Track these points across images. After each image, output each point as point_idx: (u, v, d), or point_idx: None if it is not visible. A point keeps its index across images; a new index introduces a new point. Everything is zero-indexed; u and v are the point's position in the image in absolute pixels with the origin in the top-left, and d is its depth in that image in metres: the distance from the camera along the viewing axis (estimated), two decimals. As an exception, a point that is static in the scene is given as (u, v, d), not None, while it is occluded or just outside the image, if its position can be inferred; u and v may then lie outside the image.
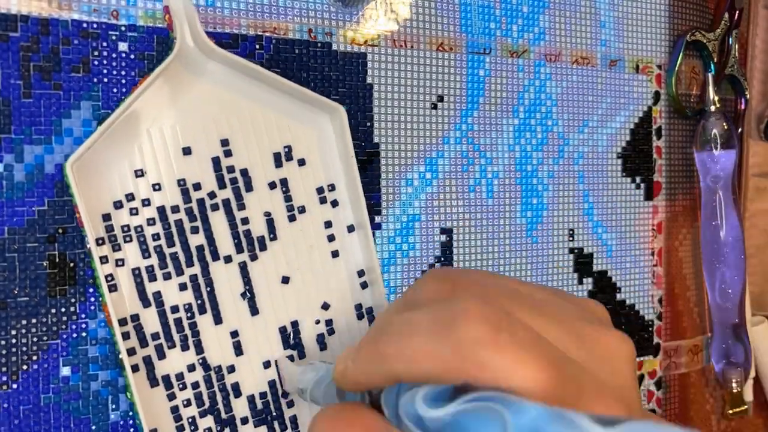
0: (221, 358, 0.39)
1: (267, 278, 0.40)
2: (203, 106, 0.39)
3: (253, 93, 0.40)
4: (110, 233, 0.36)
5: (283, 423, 0.40)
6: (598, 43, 0.52)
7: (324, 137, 0.42)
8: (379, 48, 0.44)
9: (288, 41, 0.41)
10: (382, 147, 0.44)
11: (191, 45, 0.38)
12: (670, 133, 0.56)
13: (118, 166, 0.37)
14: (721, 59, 0.57)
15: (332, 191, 0.42)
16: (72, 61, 0.36)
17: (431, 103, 0.46)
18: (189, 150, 0.38)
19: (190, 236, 0.38)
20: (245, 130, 0.40)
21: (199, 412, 0.38)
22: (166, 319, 0.37)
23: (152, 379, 0.37)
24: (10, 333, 0.35)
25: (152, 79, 0.36)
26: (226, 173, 0.39)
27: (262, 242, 0.40)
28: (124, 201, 0.37)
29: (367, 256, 0.42)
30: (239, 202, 0.39)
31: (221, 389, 0.39)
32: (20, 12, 0.35)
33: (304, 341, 0.41)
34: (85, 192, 0.35)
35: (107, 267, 0.36)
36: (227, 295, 0.39)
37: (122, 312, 0.36)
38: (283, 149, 0.41)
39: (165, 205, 0.38)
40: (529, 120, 0.49)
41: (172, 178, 0.38)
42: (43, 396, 0.35)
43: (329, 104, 0.40)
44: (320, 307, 0.41)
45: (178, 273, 0.38)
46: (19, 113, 0.35)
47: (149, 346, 0.37)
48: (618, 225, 0.53)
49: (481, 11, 0.47)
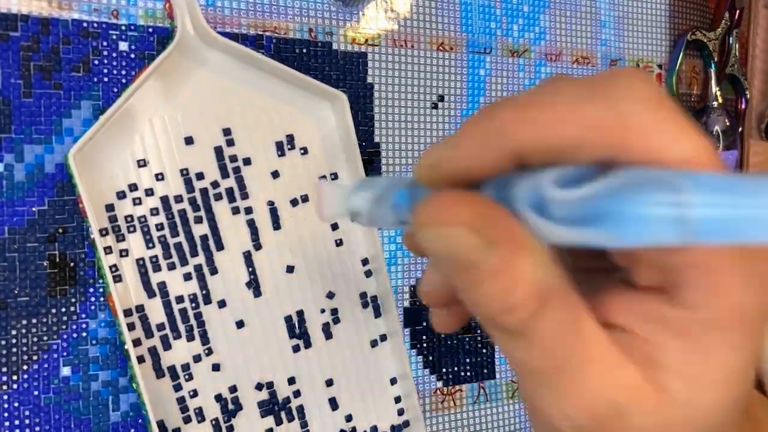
0: (227, 348, 0.39)
1: (272, 267, 0.40)
2: (205, 95, 0.39)
3: (255, 82, 0.40)
4: (114, 224, 0.37)
5: (290, 413, 0.40)
6: (598, 43, 0.52)
7: (326, 125, 0.42)
8: (379, 47, 0.44)
9: (288, 41, 0.41)
10: (383, 147, 0.44)
11: (192, 34, 0.38)
12: (670, 133, 0.56)
13: (120, 156, 0.37)
14: (721, 59, 0.57)
15: (335, 180, 0.42)
16: (72, 61, 0.36)
17: (432, 102, 0.46)
18: (191, 139, 0.38)
19: (194, 226, 0.38)
20: (247, 119, 0.40)
21: (206, 403, 0.38)
22: (171, 310, 0.38)
23: (158, 369, 0.37)
24: (10, 333, 0.35)
25: (153, 68, 0.36)
26: (228, 162, 0.39)
27: (265, 231, 0.40)
28: (127, 191, 0.37)
29: (371, 245, 0.42)
30: (242, 191, 0.39)
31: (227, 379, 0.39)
32: (20, 11, 0.35)
33: (310, 330, 0.41)
34: (88, 182, 0.35)
35: (111, 257, 0.36)
36: (232, 285, 0.39)
37: (127, 303, 0.37)
38: (285, 138, 0.41)
39: (168, 195, 0.38)
40: (530, 119, 0.49)
41: (174, 167, 0.38)
42: (43, 396, 0.35)
43: (330, 92, 0.40)
44: (325, 296, 0.41)
45: (183, 263, 0.38)
46: (19, 113, 0.35)
47: (154, 337, 0.37)
48: (618, 225, 0.53)
49: (482, 11, 0.47)
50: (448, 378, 0.46)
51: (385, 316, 0.43)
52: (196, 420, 0.38)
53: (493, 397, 0.48)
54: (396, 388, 0.43)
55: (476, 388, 0.47)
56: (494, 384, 0.48)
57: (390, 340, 0.43)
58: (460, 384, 0.47)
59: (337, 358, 0.42)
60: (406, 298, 0.45)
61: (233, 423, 0.39)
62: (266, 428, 0.39)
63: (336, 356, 0.42)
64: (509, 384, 0.49)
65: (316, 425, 0.41)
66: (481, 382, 0.47)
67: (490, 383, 0.48)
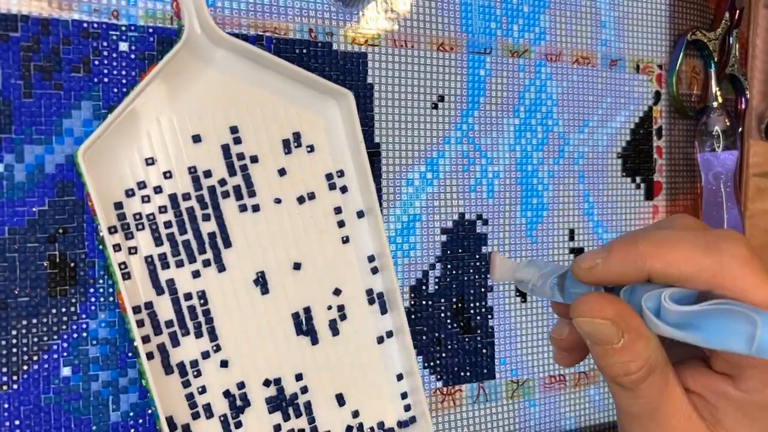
0: (234, 344, 0.39)
1: (279, 265, 0.40)
2: (212, 93, 0.39)
3: (261, 80, 0.40)
4: (123, 221, 0.37)
5: (298, 409, 0.40)
6: (598, 43, 0.52)
7: (332, 123, 0.42)
8: (379, 48, 0.44)
9: (288, 41, 0.41)
10: (383, 147, 0.44)
11: (199, 33, 0.38)
12: (670, 133, 0.56)
13: (128, 154, 0.37)
14: (721, 59, 0.57)
15: (341, 177, 0.42)
16: (72, 61, 0.36)
17: (432, 102, 0.46)
18: (199, 137, 0.38)
19: (202, 223, 0.38)
20: (254, 117, 0.40)
21: (214, 399, 0.38)
22: (179, 307, 0.38)
23: (167, 366, 0.37)
24: (10, 333, 0.35)
25: (161, 67, 0.36)
26: (236, 160, 0.39)
27: (273, 229, 0.40)
28: (136, 189, 0.37)
29: (378, 241, 0.42)
30: (249, 189, 0.40)
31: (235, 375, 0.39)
32: (20, 12, 0.35)
33: (317, 326, 0.41)
34: (97, 180, 0.36)
35: (120, 255, 0.36)
36: (240, 282, 0.39)
37: (136, 300, 0.37)
38: (292, 135, 0.41)
39: (176, 193, 0.38)
40: (530, 120, 0.49)
41: (182, 165, 0.38)
42: (43, 396, 0.35)
43: (337, 90, 0.41)
44: (332, 293, 0.41)
45: (191, 260, 0.38)
46: (19, 113, 0.35)
47: (163, 334, 0.37)
48: (618, 225, 0.53)
49: (482, 11, 0.47)
50: (448, 378, 0.46)
51: (391, 312, 0.43)
52: (204, 416, 0.38)
53: (493, 397, 0.48)
54: (403, 384, 0.43)
55: (476, 388, 0.47)
56: (494, 384, 0.48)
57: (396, 337, 0.43)
58: (460, 384, 0.47)
59: (344, 354, 0.42)
60: (406, 298, 0.45)
61: (241, 419, 0.39)
62: (274, 424, 0.40)
63: (343, 352, 0.42)
64: (509, 384, 0.49)
65: (323, 421, 0.41)
66: (480, 382, 0.47)
67: (490, 383, 0.48)
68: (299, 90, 0.41)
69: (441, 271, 0.46)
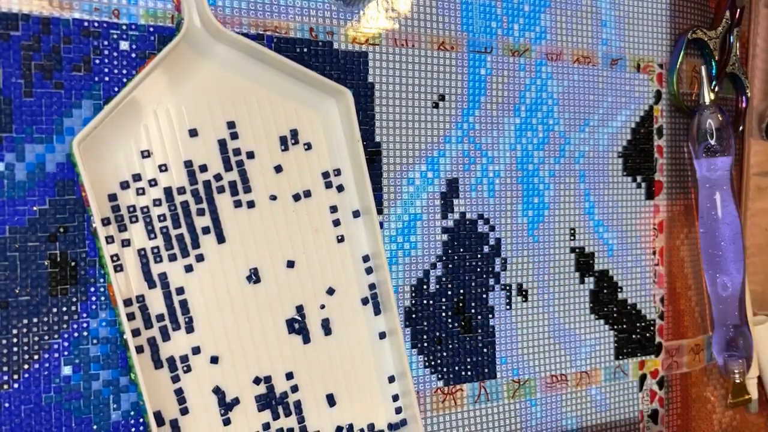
0: (226, 341, 0.39)
1: (272, 262, 0.40)
2: (210, 88, 0.39)
3: (260, 76, 0.40)
4: (116, 213, 0.37)
5: (287, 408, 0.40)
6: (599, 42, 0.52)
7: (330, 121, 0.42)
8: (380, 47, 0.44)
9: (289, 40, 0.41)
10: (384, 146, 0.44)
11: (199, 26, 0.38)
12: (671, 132, 0.56)
13: (124, 146, 0.37)
14: (722, 57, 0.57)
15: (338, 176, 0.42)
16: (73, 60, 0.36)
17: (433, 102, 0.46)
18: (195, 132, 0.38)
19: (196, 218, 0.38)
20: (252, 113, 0.40)
21: (204, 395, 0.38)
22: (171, 301, 0.38)
23: (156, 360, 0.37)
24: (11, 332, 0.35)
25: (159, 59, 0.36)
26: (232, 155, 0.39)
27: (267, 226, 0.40)
28: (131, 181, 0.37)
29: (373, 242, 0.42)
30: (245, 184, 0.39)
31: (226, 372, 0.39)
32: (21, 11, 0.35)
33: (309, 325, 0.41)
34: (92, 171, 0.36)
35: (113, 247, 0.36)
36: (232, 278, 0.39)
37: (127, 292, 0.37)
38: (289, 132, 0.41)
39: (171, 186, 0.38)
40: (531, 119, 0.49)
41: (178, 159, 0.38)
42: (44, 395, 0.35)
43: (335, 87, 0.41)
44: (325, 292, 0.41)
45: (184, 255, 0.38)
46: (20, 112, 0.35)
47: (154, 328, 0.37)
48: (619, 224, 0.53)
49: (483, 10, 0.47)
50: (449, 377, 0.46)
51: (385, 313, 0.43)
52: (193, 412, 0.38)
53: (494, 396, 0.48)
54: (394, 386, 0.43)
55: (477, 387, 0.47)
56: (495, 384, 0.48)
57: (389, 338, 0.43)
58: (461, 383, 0.47)
59: (335, 354, 0.42)
60: (407, 298, 0.45)
61: (230, 416, 0.39)
62: (263, 422, 0.39)
63: (335, 352, 0.42)
64: (510, 384, 0.49)
65: (313, 421, 0.41)
66: (482, 381, 0.47)
67: (491, 383, 0.48)
68: (298, 87, 0.41)
69: (442, 271, 0.46)
